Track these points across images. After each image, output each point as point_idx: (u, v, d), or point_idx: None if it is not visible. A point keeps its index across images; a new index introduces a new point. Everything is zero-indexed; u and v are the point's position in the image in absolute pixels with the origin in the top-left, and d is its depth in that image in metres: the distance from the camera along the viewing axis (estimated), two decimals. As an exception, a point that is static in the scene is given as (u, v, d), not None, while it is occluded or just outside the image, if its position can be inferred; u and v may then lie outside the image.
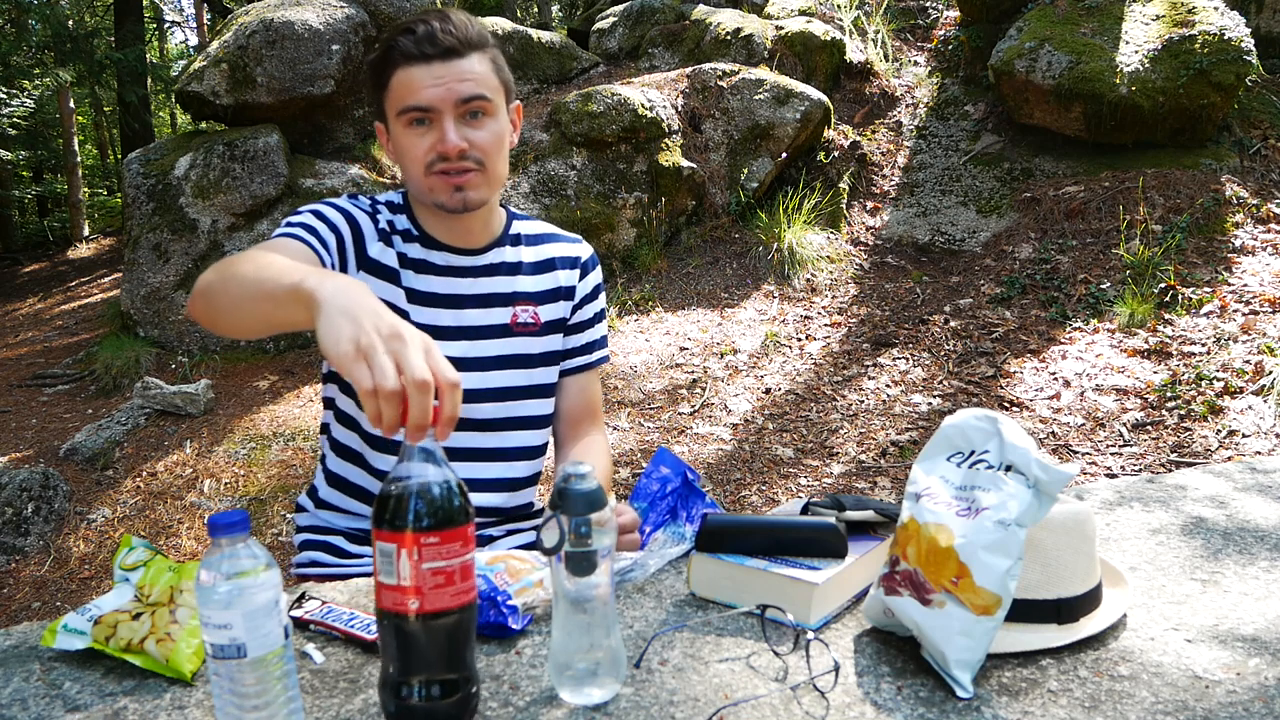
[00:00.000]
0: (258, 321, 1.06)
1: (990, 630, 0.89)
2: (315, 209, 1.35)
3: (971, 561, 0.89)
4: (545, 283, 1.47)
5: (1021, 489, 0.92)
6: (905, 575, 0.94)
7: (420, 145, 1.30)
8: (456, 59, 1.28)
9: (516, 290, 1.44)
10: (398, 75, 1.29)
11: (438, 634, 0.81)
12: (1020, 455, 0.93)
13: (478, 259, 1.42)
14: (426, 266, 1.38)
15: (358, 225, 1.35)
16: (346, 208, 1.36)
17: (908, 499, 0.99)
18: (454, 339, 1.38)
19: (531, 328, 1.44)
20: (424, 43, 1.27)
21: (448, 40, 1.28)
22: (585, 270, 1.53)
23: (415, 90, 1.27)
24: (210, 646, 0.78)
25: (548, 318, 1.46)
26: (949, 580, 0.90)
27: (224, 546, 0.78)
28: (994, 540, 0.89)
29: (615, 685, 0.88)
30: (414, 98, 1.28)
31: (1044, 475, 0.91)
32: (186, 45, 20.76)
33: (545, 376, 1.47)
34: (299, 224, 1.31)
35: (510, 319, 1.43)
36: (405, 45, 1.28)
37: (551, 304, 1.47)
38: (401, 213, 1.41)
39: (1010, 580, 0.89)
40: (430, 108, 1.28)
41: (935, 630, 0.89)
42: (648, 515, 1.22)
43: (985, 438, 0.98)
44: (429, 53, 1.27)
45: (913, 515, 0.96)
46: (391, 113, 1.31)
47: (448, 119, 1.28)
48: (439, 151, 1.28)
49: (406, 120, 1.29)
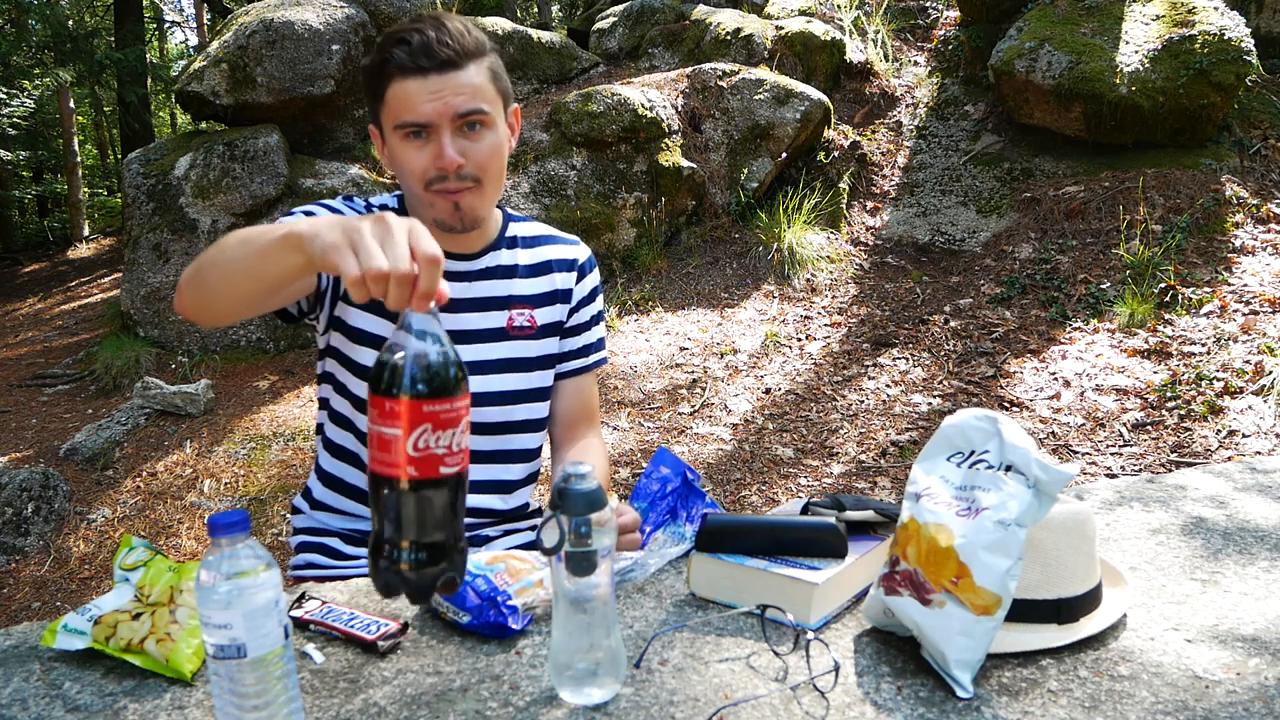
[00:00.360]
0: (252, 283, 1.06)
1: (990, 630, 0.89)
2: (308, 210, 1.33)
3: (971, 561, 0.89)
4: (541, 285, 1.46)
5: (1021, 489, 0.92)
6: (905, 575, 0.94)
7: (418, 160, 1.27)
8: (454, 71, 1.25)
9: (512, 294, 1.43)
10: (394, 88, 1.26)
11: (428, 499, 0.79)
12: (1020, 455, 0.93)
13: (473, 263, 1.40)
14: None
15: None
16: (339, 209, 1.35)
17: (908, 499, 0.99)
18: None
19: (528, 331, 1.43)
20: (420, 55, 1.24)
21: (444, 52, 1.24)
22: (582, 273, 1.52)
23: (412, 105, 1.25)
24: (210, 646, 0.78)
25: (544, 321, 1.45)
26: (949, 580, 0.90)
27: (224, 546, 0.78)
28: (994, 540, 0.89)
29: (615, 685, 0.88)
30: (411, 113, 1.25)
31: (1044, 475, 0.91)
32: (186, 45, 20.78)
33: (541, 380, 1.46)
34: (290, 218, 1.30)
35: (506, 323, 1.42)
36: (400, 57, 1.24)
37: (548, 307, 1.46)
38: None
39: (1010, 580, 0.89)
40: (427, 123, 1.25)
41: (935, 630, 0.89)
42: (648, 515, 1.22)
43: (985, 438, 0.98)
44: (425, 65, 1.24)
45: (913, 515, 0.96)
46: (388, 125, 1.29)
47: (445, 133, 1.25)
48: (438, 168, 1.26)
49: (403, 134, 1.27)
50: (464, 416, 0.80)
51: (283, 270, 1.00)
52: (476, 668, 0.95)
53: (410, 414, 0.77)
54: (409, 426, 0.77)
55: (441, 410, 0.78)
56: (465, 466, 0.81)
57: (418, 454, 0.78)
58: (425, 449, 0.78)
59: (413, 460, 0.78)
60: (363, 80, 1.34)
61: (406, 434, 0.77)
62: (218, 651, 0.78)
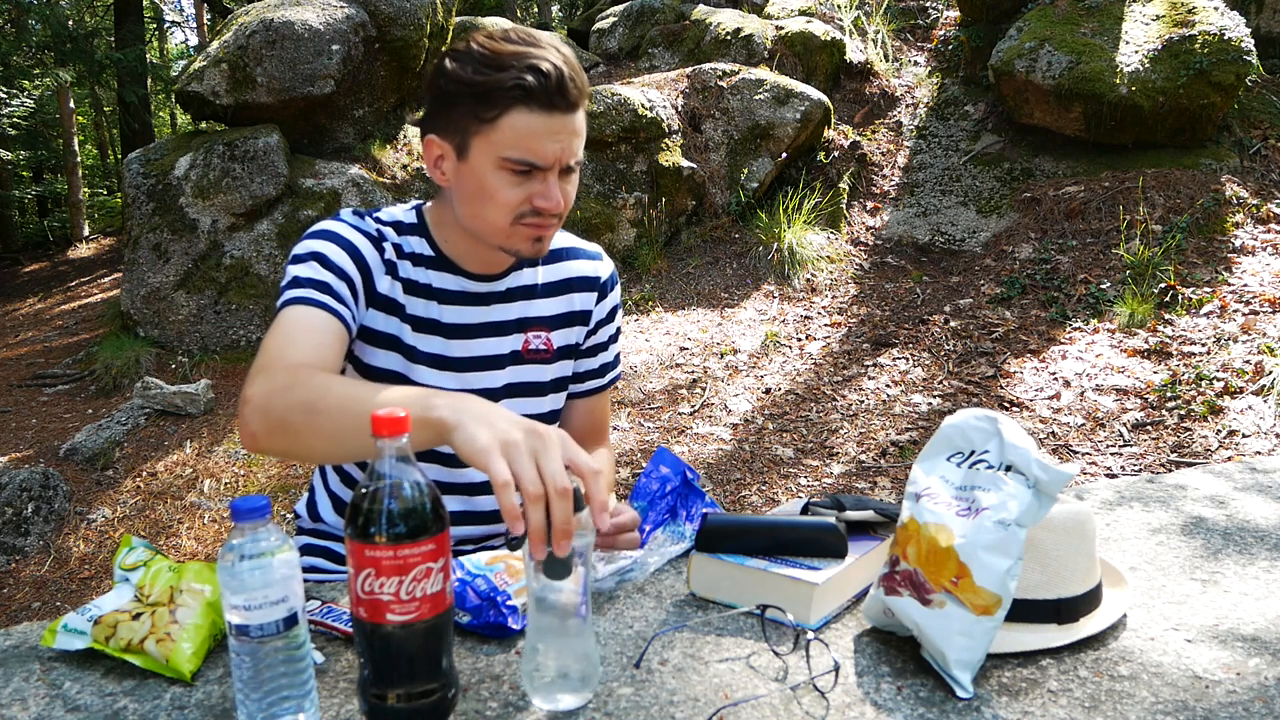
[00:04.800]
0: (354, 449, 0.99)
1: (990, 630, 0.89)
2: (318, 252, 1.21)
3: (971, 562, 0.89)
4: (560, 306, 1.37)
5: (1021, 489, 0.91)
6: (905, 575, 0.94)
7: (515, 195, 1.18)
8: (574, 114, 1.17)
9: (529, 315, 1.35)
10: (514, 117, 1.14)
11: (413, 640, 0.81)
12: (1020, 455, 0.93)
13: (495, 284, 1.32)
14: (438, 294, 1.29)
15: (365, 263, 1.24)
16: (352, 242, 1.24)
17: (908, 499, 0.99)
18: (463, 370, 1.31)
19: (544, 355, 1.36)
20: (556, 94, 1.14)
21: (574, 93, 1.15)
22: (604, 292, 1.42)
23: (535, 143, 1.15)
24: (232, 628, 0.80)
25: (560, 343, 1.38)
26: (949, 580, 0.90)
27: (246, 532, 0.79)
28: (994, 540, 0.89)
29: (587, 692, 0.87)
30: (531, 153, 1.15)
31: (1044, 475, 0.91)
32: (186, 45, 20.77)
33: (553, 404, 1.41)
34: (310, 282, 1.19)
35: (522, 345, 1.34)
36: (534, 86, 1.12)
37: (565, 329, 1.38)
38: (415, 234, 1.30)
39: (1010, 580, 0.89)
40: (544, 165, 1.16)
41: (935, 630, 0.89)
42: (647, 514, 1.22)
43: (985, 438, 0.98)
44: (558, 105, 1.14)
45: (913, 515, 0.96)
46: (488, 150, 1.16)
47: (552, 175, 1.18)
48: (537, 207, 1.18)
49: (509, 167, 1.16)
50: (415, 566, 0.78)
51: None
52: (476, 668, 0.95)
53: (355, 554, 0.79)
54: (355, 567, 0.79)
55: (384, 557, 0.78)
56: (422, 616, 0.80)
57: (365, 596, 0.79)
58: (370, 593, 0.79)
59: (361, 601, 0.79)
60: (452, 87, 1.17)
61: (355, 574, 0.79)
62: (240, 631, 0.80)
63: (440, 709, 0.83)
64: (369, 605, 0.79)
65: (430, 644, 0.82)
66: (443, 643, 0.83)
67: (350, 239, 1.24)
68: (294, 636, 0.81)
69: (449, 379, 1.30)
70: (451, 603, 0.84)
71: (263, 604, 0.78)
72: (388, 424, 0.79)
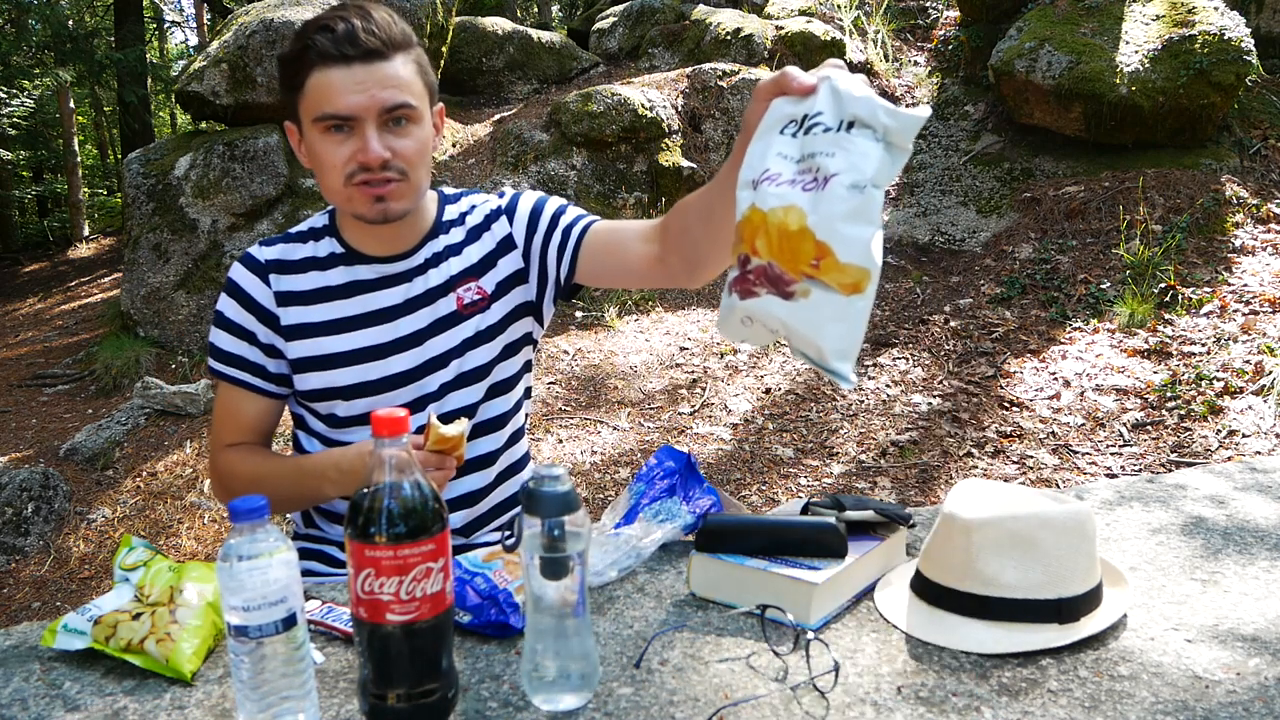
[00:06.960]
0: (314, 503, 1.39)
1: (864, 309, 0.79)
2: (220, 312, 1.34)
3: (830, 238, 0.79)
4: (481, 249, 1.37)
5: (870, 144, 0.80)
6: (759, 272, 0.83)
7: (339, 154, 1.20)
8: (380, 61, 1.18)
9: (454, 273, 1.35)
10: (315, 77, 1.18)
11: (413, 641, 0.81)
12: (863, 105, 0.81)
13: (410, 261, 1.33)
14: (357, 287, 1.32)
15: (259, 306, 1.32)
16: (232, 319, 1.33)
17: (742, 187, 0.86)
18: (402, 350, 1.32)
19: (480, 304, 1.35)
20: (344, 43, 1.17)
21: (370, 41, 1.17)
22: (511, 210, 1.39)
23: (335, 96, 1.17)
24: (231, 629, 0.80)
25: (497, 280, 1.36)
26: (808, 264, 0.79)
27: (244, 532, 0.80)
28: (850, 209, 0.79)
29: (587, 692, 0.87)
30: (333, 105, 1.18)
31: (892, 122, 0.79)
32: (186, 45, 20.76)
33: (508, 338, 1.37)
34: (222, 355, 1.35)
35: (456, 304, 1.34)
36: (323, 44, 1.17)
37: (496, 266, 1.36)
38: (326, 235, 1.34)
39: (875, 249, 0.78)
40: (351, 116, 1.18)
41: (804, 323, 0.80)
42: (644, 493, 1.23)
43: (816, 99, 0.84)
44: (349, 54, 1.17)
45: (754, 203, 0.84)
46: (307, 117, 1.22)
47: (370, 127, 1.18)
48: (360, 162, 1.19)
49: (324, 127, 1.20)
50: (415, 565, 0.79)
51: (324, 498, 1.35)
52: (476, 668, 0.95)
53: (355, 554, 0.79)
54: (355, 567, 0.80)
55: (384, 557, 0.78)
56: (422, 616, 0.80)
57: (365, 596, 0.79)
58: (370, 593, 0.79)
59: (361, 601, 0.80)
60: (278, 71, 1.26)
61: (355, 574, 0.80)
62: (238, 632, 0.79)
63: (440, 709, 0.83)
64: (369, 605, 0.79)
65: (430, 644, 0.82)
66: (443, 643, 0.83)
67: (229, 316, 1.34)
68: (293, 637, 0.81)
69: (399, 362, 1.32)
70: (452, 603, 0.84)
71: (261, 605, 0.78)
72: (387, 424, 0.79)
